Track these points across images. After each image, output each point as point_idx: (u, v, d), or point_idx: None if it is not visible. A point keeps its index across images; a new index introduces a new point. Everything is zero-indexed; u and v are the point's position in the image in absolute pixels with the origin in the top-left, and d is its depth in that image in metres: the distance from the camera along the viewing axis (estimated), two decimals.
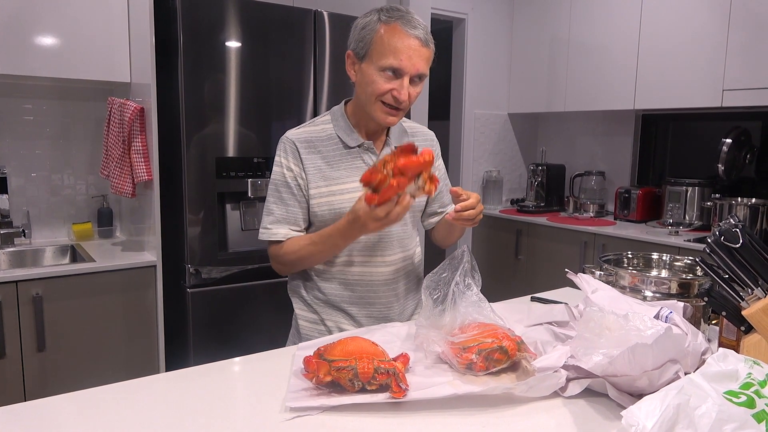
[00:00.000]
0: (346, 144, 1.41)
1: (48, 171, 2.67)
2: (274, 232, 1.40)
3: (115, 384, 1.06)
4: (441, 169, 1.59)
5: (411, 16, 1.31)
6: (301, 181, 1.39)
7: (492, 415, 0.96)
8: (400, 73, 1.30)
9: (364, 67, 1.32)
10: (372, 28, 1.30)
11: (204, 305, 2.34)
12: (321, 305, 1.48)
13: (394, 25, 1.29)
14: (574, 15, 3.61)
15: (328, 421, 0.94)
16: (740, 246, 1.05)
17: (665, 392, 0.78)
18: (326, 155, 1.40)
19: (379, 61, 1.29)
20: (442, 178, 1.58)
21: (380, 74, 1.30)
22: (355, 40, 1.34)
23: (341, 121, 1.43)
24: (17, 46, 2.25)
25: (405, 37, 1.28)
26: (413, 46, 1.28)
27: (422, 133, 1.56)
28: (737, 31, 2.85)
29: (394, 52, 1.28)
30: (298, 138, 1.41)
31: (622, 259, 1.51)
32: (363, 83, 1.34)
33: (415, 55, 1.29)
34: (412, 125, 1.55)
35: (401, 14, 1.30)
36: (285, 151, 1.41)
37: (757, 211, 2.89)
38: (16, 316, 2.08)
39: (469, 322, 1.14)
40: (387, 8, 1.32)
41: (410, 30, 1.28)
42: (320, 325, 1.48)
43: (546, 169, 3.89)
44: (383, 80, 1.30)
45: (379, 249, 1.45)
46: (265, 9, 2.38)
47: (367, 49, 1.31)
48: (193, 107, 2.26)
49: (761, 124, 3.18)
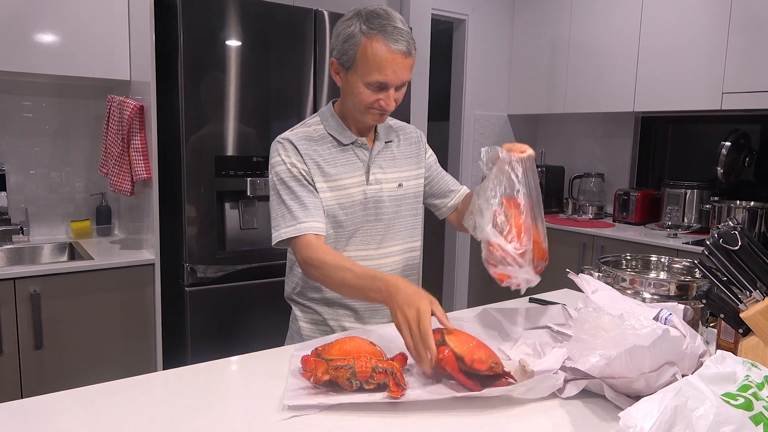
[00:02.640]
0: (340, 142, 1.45)
1: (47, 168, 2.67)
2: (299, 227, 1.32)
3: (113, 382, 1.06)
4: (433, 158, 1.64)
5: (392, 25, 1.31)
6: (308, 176, 1.40)
7: (490, 415, 0.96)
8: (386, 87, 1.33)
9: (350, 78, 1.36)
10: (355, 42, 1.31)
11: (202, 304, 2.34)
12: (322, 305, 1.48)
13: (376, 38, 1.29)
14: (575, 17, 3.62)
15: (325, 421, 0.93)
16: (739, 249, 1.05)
17: (663, 394, 0.78)
18: (322, 154, 1.43)
19: (364, 77, 1.32)
20: (433, 164, 1.63)
21: (366, 87, 1.33)
22: (338, 50, 1.35)
23: (332, 120, 1.46)
24: (17, 43, 2.25)
25: (388, 53, 1.30)
26: (397, 60, 1.31)
27: (406, 128, 1.60)
28: (737, 35, 2.85)
29: (378, 69, 1.30)
30: (295, 137, 1.42)
31: (621, 261, 1.51)
32: (350, 92, 1.38)
33: (399, 68, 1.32)
34: (395, 122, 1.59)
35: (383, 24, 1.30)
36: (285, 149, 1.41)
37: (756, 214, 2.90)
38: (14, 314, 2.07)
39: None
40: (367, 15, 1.31)
41: (393, 45, 1.30)
42: (323, 325, 1.49)
43: (545, 171, 3.90)
44: (369, 92, 1.34)
45: (386, 240, 1.48)
46: (266, 8, 2.38)
47: (352, 63, 1.33)
48: (192, 106, 2.25)
49: (760, 127, 3.18)
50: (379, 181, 1.46)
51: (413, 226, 1.55)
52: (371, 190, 1.44)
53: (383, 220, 1.46)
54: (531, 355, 1.17)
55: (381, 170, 1.47)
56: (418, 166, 1.56)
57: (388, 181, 1.47)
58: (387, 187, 1.47)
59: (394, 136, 1.54)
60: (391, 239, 1.49)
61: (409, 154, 1.55)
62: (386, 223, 1.47)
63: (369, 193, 1.44)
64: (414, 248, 1.56)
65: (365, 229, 1.45)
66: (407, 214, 1.52)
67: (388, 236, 1.48)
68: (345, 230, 1.43)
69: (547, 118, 4.25)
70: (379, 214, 1.45)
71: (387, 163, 1.49)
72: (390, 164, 1.49)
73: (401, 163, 1.51)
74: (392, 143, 1.52)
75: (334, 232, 1.44)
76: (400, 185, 1.49)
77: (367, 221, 1.45)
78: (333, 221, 1.42)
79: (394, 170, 1.49)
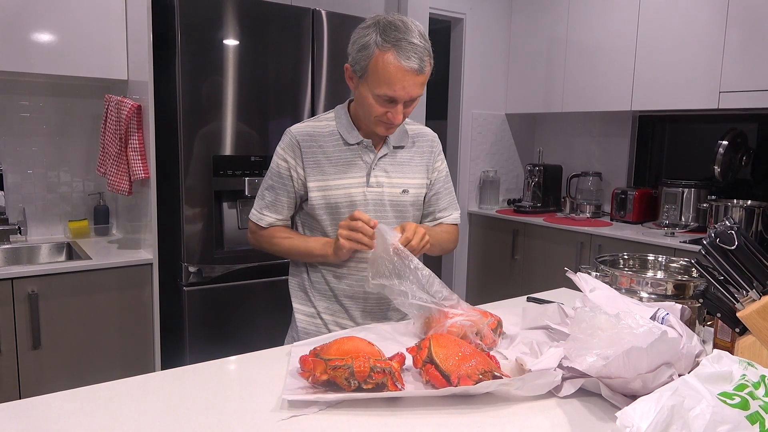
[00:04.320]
0: (346, 141, 1.45)
1: (44, 168, 2.66)
2: (261, 216, 1.51)
3: (111, 382, 1.06)
4: (443, 171, 1.61)
5: (408, 40, 1.29)
6: (294, 174, 1.45)
7: (487, 414, 0.97)
8: (395, 101, 1.34)
9: (361, 87, 1.37)
10: (369, 53, 1.31)
11: (200, 303, 2.34)
12: (319, 298, 1.50)
13: (389, 53, 1.29)
14: (572, 16, 3.62)
15: (323, 421, 0.94)
16: (735, 248, 1.05)
17: (660, 393, 0.78)
18: (326, 150, 1.44)
19: (374, 88, 1.33)
20: (444, 179, 1.60)
21: (376, 98, 1.34)
22: (353, 58, 1.36)
23: (344, 119, 1.47)
24: (15, 43, 2.24)
25: (398, 70, 1.30)
26: (407, 77, 1.31)
27: (422, 134, 1.58)
28: (734, 34, 2.86)
29: (388, 83, 1.31)
30: (300, 132, 1.46)
31: (618, 260, 1.52)
32: (361, 101, 1.39)
33: (409, 85, 1.32)
34: (413, 127, 1.57)
35: (398, 39, 1.29)
36: (286, 143, 1.46)
37: (753, 213, 2.90)
38: (12, 314, 2.07)
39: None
40: (384, 26, 1.31)
41: (404, 62, 1.29)
42: (317, 318, 1.50)
43: (543, 170, 3.90)
44: (379, 104, 1.35)
45: None
46: (263, 7, 2.37)
47: (364, 72, 1.34)
48: (190, 105, 2.25)
49: (757, 126, 3.19)
50: (380, 184, 1.45)
51: None
52: (371, 192, 1.44)
53: (382, 223, 1.44)
54: (528, 354, 1.18)
55: (385, 174, 1.46)
56: (426, 175, 1.55)
57: (391, 186, 1.47)
58: (389, 191, 1.46)
59: (408, 141, 1.53)
60: None
61: (420, 162, 1.53)
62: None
63: (369, 195, 1.44)
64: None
65: None
66: (410, 220, 1.51)
67: None
68: None
69: (544, 117, 4.25)
70: (378, 217, 1.44)
71: (393, 168, 1.48)
72: (396, 169, 1.48)
73: (409, 170, 1.50)
74: (403, 149, 1.51)
75: (331, 229, 1.44)
76: (405, 191, 1.49)
77: None
78: (329, 218, 1.44)
79: (400, 176, 1.48)
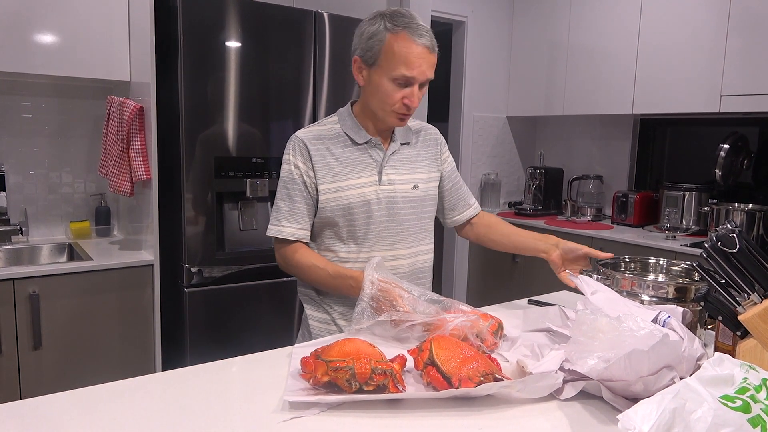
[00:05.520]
0: (354, 141, 1.46)
1: (46, 169, 2.67)
2: (281, 229, 1.44)
3: (112, 383, 1.06)
4: (452, 162, 1.65)
5: (416, 22, 1.34)
6: (307, 179, 1.43)
7: (488, 416, 0.97)
8: (411, 82, 1.35)
9: (374, 75, 1.37)
10: (380, 38, 1.33)
11: (201, 305, 2.34)
12: (331, 304, 1.49)
13: (402, 34, 1.32)
14: (574, 19, 3.62)
15: (325, 423, 0.94)
16: (737, 251, 1.05)
17: (661, 396, 0.78)
18: (335, 152, 1.44)
19: (391, 71, 1.34)
20: (452, 172, 1.64)
21: (391, 83, 1.35)
22: (362, 48, 1.37)
23: (348, 120, 1.48)
24: (17, 44, 2.25)
25: (414, 47, 1.32)
26: (422, 55, 1.33)
27: (425, 129, 1.61)
28: (736, 37, 2.86)
29: (405, 63, 1.32)
30: (307, 136, 1.45)
31: (619, 263, 1.51)
32: (373, 90, 1.39)
33: (425, 63, 1.34)
34: (414, 123, 1.59)
35: (407, 21, 1.33)
36: (293, 149, 1.45)
37: (754, 217, 2.90)
38: (13, 314, 2.07)
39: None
40: (391, 14, 1.35)
41: (418, 39, 1.32)
42: (331, 324, 1.49)
43: (544, 173, 3.90)
44: (395, 89, 1.36)
45: (398, 242, 1.48)
46: (266, 9, 2.38)
47: (377, 58, 1.35)
48: (192, 107, 2.26)
49: (758, 130, 3.19)
50: (392, 181, 1.46)
51: (426, 229, 1.55)
52: (384, 190, 1.45)
53: (396, 221, 1.47)
54: (529, 356, 1.18)
55: (395, 171, 1.47)
56: (435, 168, 1.57)
57: (402, 182, 1.48)
58: (401, 188, 1.47)
59: (413, 137, 1.55)
60: (404, 241, 1.49)
61: (426, 156, 1.55)
62: (399, 224, 1.47)
63: (381, 194, 1.45)
64: (426, 251, 1.56)
65: (378, 229, 1.45)
66: (422, 215, 1.53)
67: (402, 237, 1.48)
68: (357, 229, 1.44)
69: (546, 120, 4.25)
70: (392, 215, 1.46)
71: (402, 165, 1.49)
72: (406, 165, 1.49)
73: (418, 165, 1.52)
74: (410, 145, 1.53)
75: (346, 231, 1.44)
76: (415, 187, 1.50)
77: (380, 221, 1.45)
78: (344, 220, 1.44)
79: (409, 172, 1.50)
